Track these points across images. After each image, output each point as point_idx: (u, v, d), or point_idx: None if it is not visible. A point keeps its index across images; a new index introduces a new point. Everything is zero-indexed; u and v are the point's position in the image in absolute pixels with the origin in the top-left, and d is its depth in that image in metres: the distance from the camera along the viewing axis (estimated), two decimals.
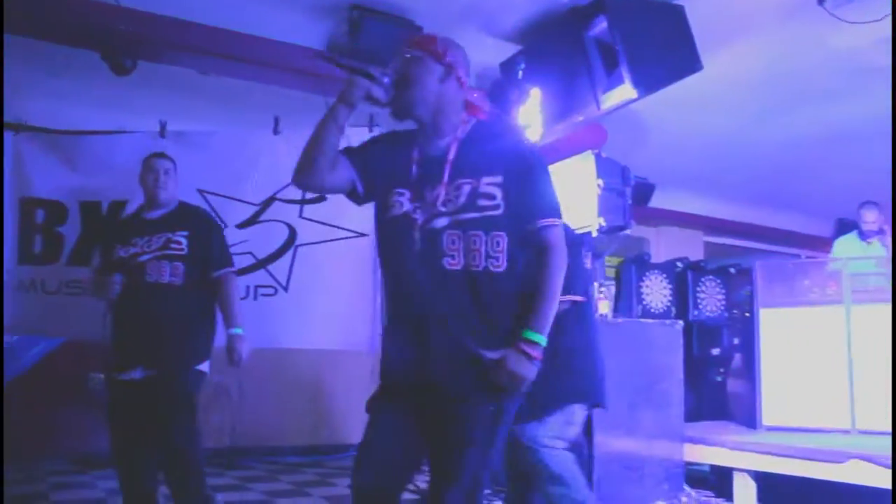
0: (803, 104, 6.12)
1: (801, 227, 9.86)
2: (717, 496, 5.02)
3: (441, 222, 2.13)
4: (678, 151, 7.07)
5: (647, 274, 6.42)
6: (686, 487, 5.04)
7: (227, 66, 5.03)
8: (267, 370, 6.18)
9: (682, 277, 6.62)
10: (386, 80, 2.20)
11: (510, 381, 2.10)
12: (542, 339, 2.13)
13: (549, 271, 2.18)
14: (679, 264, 6.69)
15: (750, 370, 5.64)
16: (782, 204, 9.22)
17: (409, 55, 2.24)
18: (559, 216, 2.23)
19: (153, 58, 4.92)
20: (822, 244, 8.66)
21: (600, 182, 4.82)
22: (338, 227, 4.59)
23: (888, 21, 4.36)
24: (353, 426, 6.69)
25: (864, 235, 6.33)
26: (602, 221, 4.75)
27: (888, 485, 4.14)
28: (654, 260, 7.35)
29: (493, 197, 2.14)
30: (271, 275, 4.58)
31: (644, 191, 7.58)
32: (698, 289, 6.66)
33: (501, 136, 2.31)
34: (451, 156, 2.21)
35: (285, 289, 4.55)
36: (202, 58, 4.92)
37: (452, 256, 2.13)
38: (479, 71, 5.16)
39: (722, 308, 6.71)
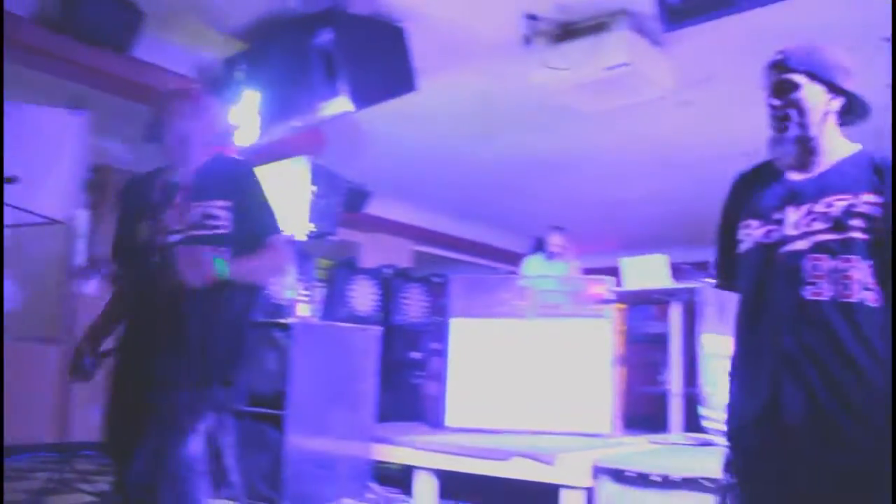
0: (508, 132, 6.65)
1: (504, 243, 10.65)
2: (405, 493, 5.30)
3: (174, 238, 2.38)
4: (394, 163, 7.38)
5: (356, 279, 6.64)
6: (374, 485, 5.28)
7: None
8: None
9: (389, 283, 6.93)
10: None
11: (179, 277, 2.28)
12: (224, 270, 2.33)
13: (265, 255, 2.51)
14: (387, 271, 6.99)
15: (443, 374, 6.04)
16: (487, 220, 9.92)
17: (169, 95, 2.55)
18: (279, 229, 2.58)
19: None
20: (520, 260, 9.43)
21: (314, 188, 4.93)
22: (30, 213, 4.29)
23: (583, 69, 4.84)
24: (34, 424, 6.25)
25: (549, 256, 7.01)
26: (312, 227, 4.87)
27: (548, 479, 4.65)
28: (364, 265, 7.61)
29: (220, 218, 2.43)
30: None
31: (359, 197, 7.83)
32: (403, 295, 6.99)
33: (233, 167, 2.65)
34: (186, 182, 2.49)
35: None
36: None
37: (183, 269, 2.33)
38: (200, 64, 5.07)
39: (424, 314, 7.10)
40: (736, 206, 2.09)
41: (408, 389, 6.94)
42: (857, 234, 1.83)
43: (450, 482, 5.19)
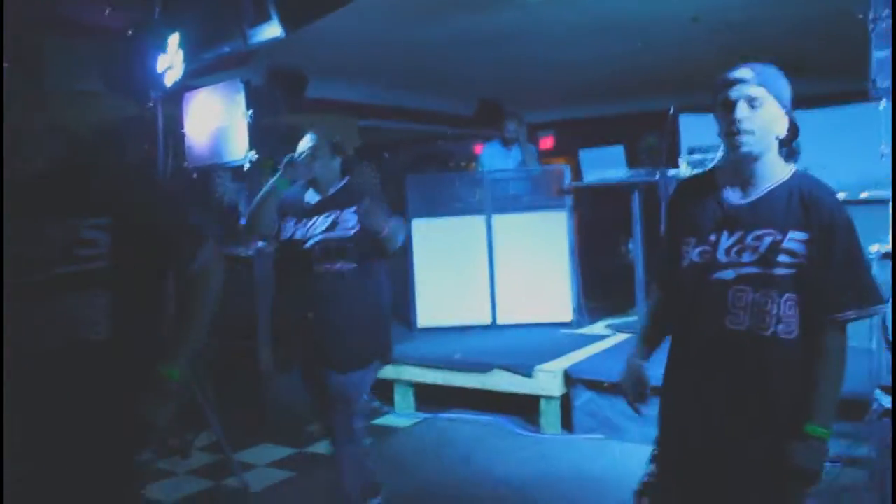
0: (451, 13, 6.27)
1: (447, 107, 10.33)
2: (383, 405, 5.35)
3: None
4: (332, 50, 6.97)
5: None
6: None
7: None
8: None
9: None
10: None
11: None
12: None
13: None
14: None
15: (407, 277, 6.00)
16: (430, 89, 9.55)
17: None
18: None
19: None
20: (466, 123, 9.20)
21: (249, 113, 4.60)
22: None
23: None
24: None
25: (506, 144, 6.72)
26: (254, 154, 4.57)
27: (525, 390, 4.75)
28: None
29: None
30: None
31: (297, 82, 7.47)
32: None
33: None
34: None
35: None
36: None
37: None
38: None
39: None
40: (678, 216, 2.12)
41: None
42: (781, 270, 1.90)
43: (426, 391, 5.25)
